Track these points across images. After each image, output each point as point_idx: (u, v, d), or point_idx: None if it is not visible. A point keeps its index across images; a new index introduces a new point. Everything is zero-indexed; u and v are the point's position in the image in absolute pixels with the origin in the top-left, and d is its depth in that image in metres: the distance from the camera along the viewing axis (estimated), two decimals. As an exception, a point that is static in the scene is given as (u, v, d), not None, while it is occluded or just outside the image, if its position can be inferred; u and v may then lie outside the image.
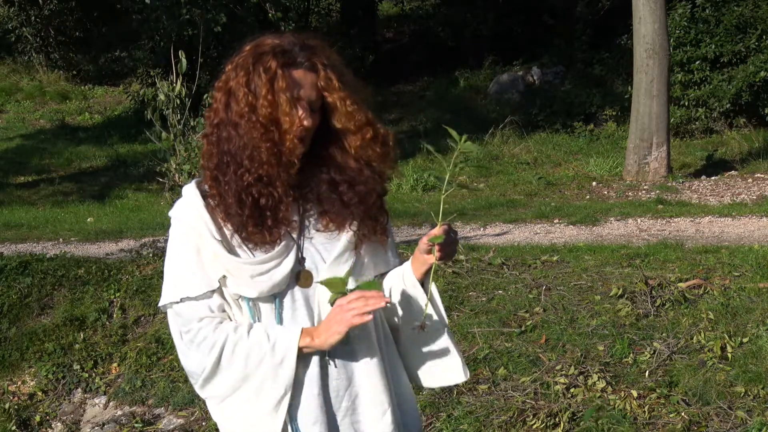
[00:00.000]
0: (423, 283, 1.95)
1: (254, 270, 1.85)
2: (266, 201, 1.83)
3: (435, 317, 1.98)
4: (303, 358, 1.87)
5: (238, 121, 1.82)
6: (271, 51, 1.82)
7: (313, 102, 1.84)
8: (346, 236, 1.91)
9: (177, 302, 1.88)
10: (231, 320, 1.90)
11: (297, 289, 1.89)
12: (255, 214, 1.83)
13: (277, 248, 1.85)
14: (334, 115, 1.86)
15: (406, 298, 1.97)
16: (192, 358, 1.90)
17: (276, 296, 1.87)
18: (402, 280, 1.96)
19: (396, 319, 2.01)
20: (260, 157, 1.80)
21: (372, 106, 1.95)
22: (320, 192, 1.91)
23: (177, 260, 1.89)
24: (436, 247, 1.86)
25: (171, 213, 1.93)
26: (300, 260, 1.89)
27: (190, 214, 1.88)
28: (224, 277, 1.86)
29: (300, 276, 1.89)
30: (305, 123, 1.83)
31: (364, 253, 1.93)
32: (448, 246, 1.88)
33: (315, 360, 1.89)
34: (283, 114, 1.81)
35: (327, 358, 1.90)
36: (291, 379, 1.85)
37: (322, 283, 1.85)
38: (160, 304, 1.93)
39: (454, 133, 1.84)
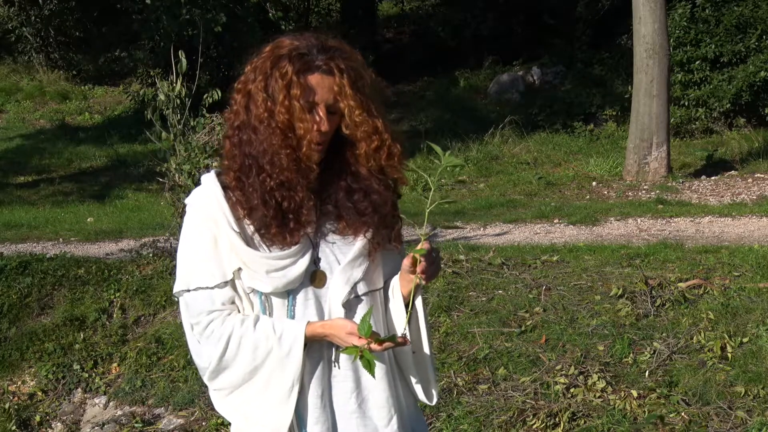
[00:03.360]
0: (411, 299, 1.95)
1: (270, 265, 1.86)
2: (288, 204, 1.84)
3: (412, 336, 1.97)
4: (309, 358, 1.88)
5: (257, 126, 1.84)
6: (288, 55, 1.82)
7: (332, 105, 1.84)
8: (361, 242, 1.92)
9: (189, 291, 1.89)
10: (239, 312, 1.90)
11: (310, 288, 1.90)
12: (278, 216, 1.85)
13: (295, 246, 1.86)
14: (343, 121, 1.86)
15: (395, 314, 1.97)
16: (201, 352, 1.91)
17: (289, 293, 1.89)
18: (392, 293, 1.97)
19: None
20: (280, 162, 1.82)
21: (390, 107, 1.95)
22: (338, 198, 1.92)
23: (192, 249, 1.90)
24: (420, 265, 1.84)
25: (187, 200, 1.93)
26: (315, 260, 1.90)
27: (208, 203, 1.88)
28: (239, 269, 1.87)
29: (314, 276, 1.90)
30: (323, 128, 1.83)
31: (377, 260, 1.95)
32: (431, 266, 1.87)
33: (320, 361, 1.90)
34: (297, 120, 1.81)
35: (333, 360, 1.91)
36: (299, 369, 1.86)
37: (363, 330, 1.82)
38: (174, 291, 1.94)
39: (437, 148, 1.86)
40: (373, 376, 1.85)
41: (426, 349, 1.99)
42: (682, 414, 4.15)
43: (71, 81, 17.35)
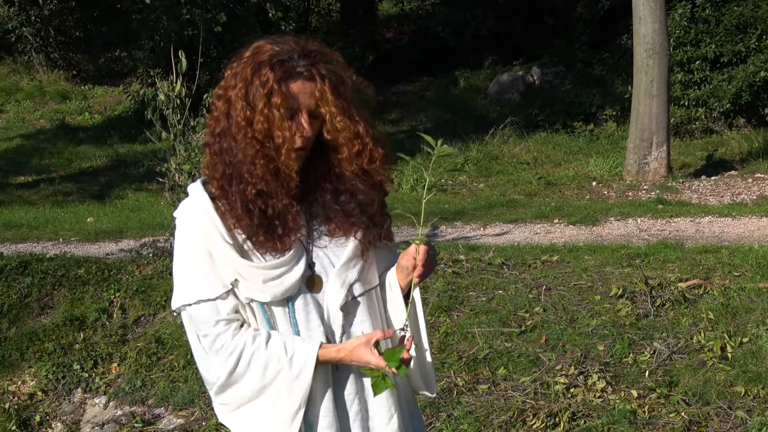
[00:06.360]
0: (411, 293, 1.95)
1: (267, 274, 1.84)
2: (273, 211, 1.83)
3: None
4: (318, 366, 1.87)
5: (236, 134, 1.82)
6: (269, 61, 1.80)
7: (314, 110, 1.83)
8: (352, 243, 1.91)
9: (191, 305, 1.86)
10: (247, 323, 1.88)
11: (309, 294, 1.89)
12: (264, 224, 1.83)
13: (288, 253, 1.85)
14: (325, 126, 1.86)
15: (394, 307, 1.97)
16: (209, 365, 1.89)
17: (288, 300, 1.87)
18: (389, 288, 1.97)
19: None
20: (257, 172, 1.80)
21: (373, 107, 1.94)
22: (325, 201, 1.91)
23: (187, 262, 1.87)
24: (420, 260, 1.86)
25: (176, 214, 1.90)
26: (310, 265, 1.90)
27: (198, 216, 1.86)
28: (236, 280, 1.85)
29: (310, 281, 1.89)
30: (306, 134, 1.82)
31: (370, 258, 1.95)
32: (429, 263, 1.89)
33: (328, 367, 1.89)
34: (277, 129, 1.80)
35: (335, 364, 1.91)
36: (307, 392, 1.85)
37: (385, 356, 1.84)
38: (173, 307, 1.90)
39: (429, 138, 1.86)
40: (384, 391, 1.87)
41: (425, 341, 1.99)
42: (682, 414, 4.15)
43: (71, 81, 17.35)
